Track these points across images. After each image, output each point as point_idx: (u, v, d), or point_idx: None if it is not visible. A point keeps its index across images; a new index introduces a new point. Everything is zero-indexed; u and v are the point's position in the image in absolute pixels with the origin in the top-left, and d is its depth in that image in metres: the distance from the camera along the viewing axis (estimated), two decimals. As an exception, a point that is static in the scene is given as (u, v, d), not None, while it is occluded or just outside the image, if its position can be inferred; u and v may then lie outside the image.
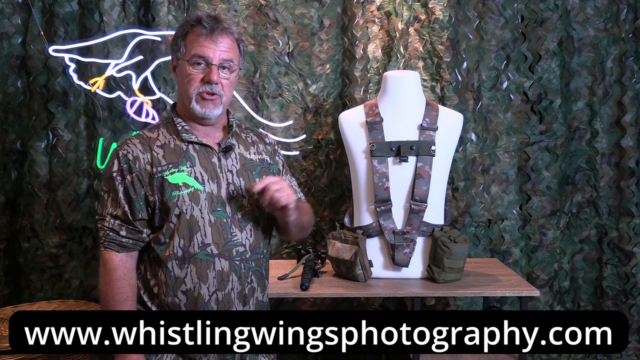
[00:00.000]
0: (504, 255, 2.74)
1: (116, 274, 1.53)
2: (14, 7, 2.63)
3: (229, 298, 1.55)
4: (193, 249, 1.52)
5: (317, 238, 2.73)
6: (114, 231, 1.53)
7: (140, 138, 1.58)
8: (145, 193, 1.53)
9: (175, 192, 1.52)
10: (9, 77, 2.65)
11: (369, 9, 2.66)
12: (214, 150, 1.59)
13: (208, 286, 1.53)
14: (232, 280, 1.55)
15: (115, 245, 1.54)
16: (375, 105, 2.31)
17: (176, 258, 1.52)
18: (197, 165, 1.55)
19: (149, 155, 1.54)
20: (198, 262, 1.52)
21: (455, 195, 2.69)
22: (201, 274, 1.52)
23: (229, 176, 1.58)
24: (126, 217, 1.53)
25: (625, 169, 2.74)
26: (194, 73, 1.55)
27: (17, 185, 2.70)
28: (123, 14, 2.62)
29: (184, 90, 1.57)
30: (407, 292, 2.13)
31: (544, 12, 2.69)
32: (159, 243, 1.54)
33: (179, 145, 1.57)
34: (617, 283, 2.77)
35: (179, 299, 1.53)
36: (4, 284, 2.72)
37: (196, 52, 1.54)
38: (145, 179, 1.53)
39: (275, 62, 2.69)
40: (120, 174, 1.53)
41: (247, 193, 1.60)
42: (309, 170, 2.72)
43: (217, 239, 1.54)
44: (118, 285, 1.52)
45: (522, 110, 2.74)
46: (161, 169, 1.53)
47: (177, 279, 1.52)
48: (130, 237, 1.54)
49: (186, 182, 1.53)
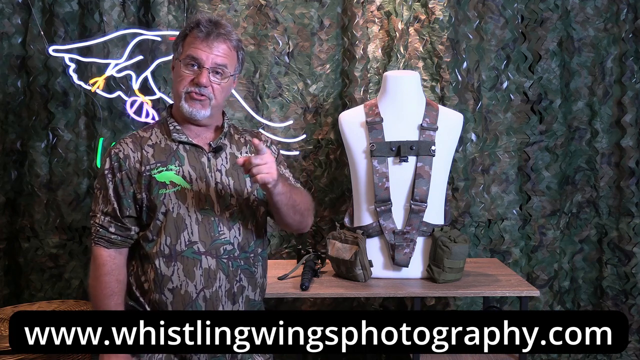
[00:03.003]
0: (504, 255, 2.74)
1: (104, 269, 1.56)
2: (14, 7, 2.63)
3: (217, 296, 1.56)
4: (180, 247, 1.54)
5: (317, 238, 2.73)
6: (104, 227, 1.57)
7: (133, 137, 1.62)
8: (134, 191, 1.56)
9: (162, 190, 1.54)
10: (9, 77, 2.65)
11: (369, 9, 2.66)
12: (204, 150, 1.61)
13: (195, 284, 1.54)
14: (220, 278, 1.56)
15: (104, 241, 1.57)
16: (375, 105, 2.31)
17: (163, 255, 1.54)
18: (185, 165, 1.58)
19: (139, 153, 1.58)
20: (185, 259, 1.54)
21: (455, 195, 2.69)
22: (188, 271, 1.54)
23: (217, 175, 1.60)
24: (115, 213, 1.56)
25: (625, 169, 2.74)
26: (185, 73, 1.57)
27: (17, 185, 2.70)
28: (123, 14, 2.62)
29: (175, 88, 1.61)
30: (407, 292, 2.13)
31: (544, 12, 2.69)
32: (147, 240, 1.57)
33: (169, 144, 1.60)
34: (617, 283, 2.77)
35: (166, 297, 1.54)
36: (4, 284, 2.72)
37: (190, 53, 1.57)
38: (134, 177, 1.56)
39: (275, 62, 2.69)
40: (111, 171, 1.57)
41: (236, 192, 1.61)
42: (309, 170, 2.72)
43: (204, 237, 1.55)
44: (105, 279, 1.56)
45: (522, 110, 2.74)
46: (149, 167, 1.56)
47: (164, 276, 1.54)
48: (118, 234, 1.58)
49: (173, 181, 1.56)
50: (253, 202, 1.64)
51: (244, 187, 1.63)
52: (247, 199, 1.62)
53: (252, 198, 1.64)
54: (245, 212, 1.62)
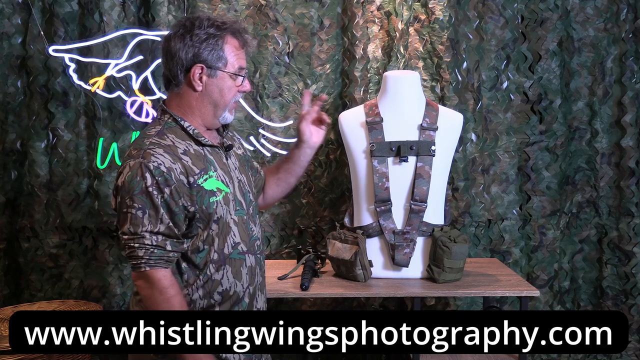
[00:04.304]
0: (504, 255, 2.74)
1: (173, 290, 1.48)
2: (14, 7, 2.63)
3: (256, 291, 1.61)
4: (227, 250, 1.55)
5: (317, 238, 2.73)
6: (160, 247, 1.46)
7: (162, 147, 1.48)
8: (184, 204, 1.48)
9: (213, 198, 1.51)
10: (9, 77, 2.65)
11: (369, 9, 2.66)
12: (221, 151, 1.60)
13: (242, 283, 1.57)
14: (257, 273, 1.62)
15: (164, 262, 1.47)
16: (375, 105, 2.31)
17: (212, 262, 1.52)
18: (218, 169, 1.56)
19: (180, 164, 1.48)
20: (233, 261, 1.55)
21: (455, 195, 2.69)
22: (236, 272, 1.56)
23: (236, 174, 1.63)
24: (171, 231, 1.47)
25: (625, 169, 2.74)
26: (236, 85, 1.57)
27: (17, 185, 2.70)
28: (123, 14, 2.62)
29: (223, 100, 1.55)
30: (407, 292, 2.13)
31: (544, 12, 2.69)
32: (197, 251, 1.52)
33: (198, 150, 1.54)
34: (617, 283, 2.77)
35: (214, 300, 1.54)
36: (4, 284, 2.72)
37: (241, 65, 1.57)
38: (183, 190, 1.47)
39: (275, 62, 2.68)
40: (157, 187, 1.44)
41: (251, 188, 1.66)
42: (309, 170, 2.72)
43: (244, 237, 1.58)
44: (179, 299, 1.48)
45: (522, 110, 2.74)
46: (196, 177, 1.49)
47: (214, 281, 1.53)
48: (175, 251, 1.49)
49: (219, 187, 1.53)
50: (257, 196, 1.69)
51: (251, 181, 1.69)
52: (255, 193, 1.67)
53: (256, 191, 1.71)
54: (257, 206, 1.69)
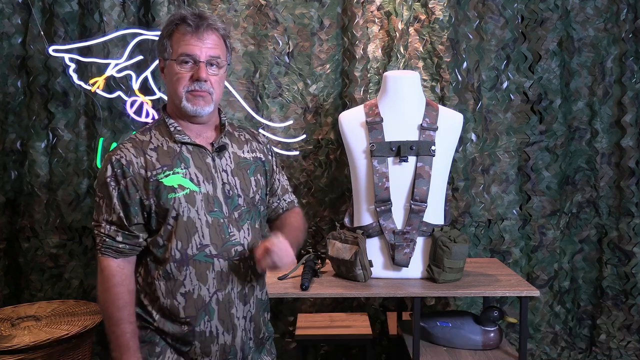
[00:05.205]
0: (504, 255, 2.74)
1: (114, 280, 1.52)
2: (14, 7, 2.63)
3: (230, 298, 1.55)
4: (191, 251, 1.52)
5: (317, 238, 2.73)
6: (110, 237, 1.52)
7: (133, 142, 1.56)
8: (140, 197, 1.52)
9: (172, 194, 1.51)
10: (9, 77, 2.65)
11: (369, 9, 2.66)
12: (207, 150, 1.59)
13: (208, 287, 1.53)
14: (232, 280, 1.55)
15: (112, 252, 1.53)
16: (375, 105, 2.31)
17: (174, 260, 1.52)
18: (191, 167, 1.55)
19: (143, 159, 1.53)
20: (197, 263, 1.52)
21: (455, 195, 2.69)
22: (200, 275, 1.52)
23: (223, 176, 1.58)
24: (122, 222, 1.52)
25: (625, 169, 2.74)
26: (182, 72, 1.54)
27: (17, 185, 2.70)
28: (123, 14, 2.62)
29: (174, 89, 1.57)
30: (407, 292, 2.13)
31: (544, 12, 2.69)
32: (157, 246, 1.54)
33: (172, 147, 1.56)
34: (617, 283, 2.77)
35: (178, 302, 1.52)
36: (4, 284, 2.72)
37: (183, 50, 1.53)
38: (140, 183, 1.52)
39: (275, 62, 2.68)
40: (114, 179, 1.52)
41: (243, 192, 1.59)
42: (309, 170, 2.72)
43: (216, 240, 1.54)
44: (117, 291, 1.52)
45: (522, 110, 2.74)
46: (156, 172, 1.52)
47: (177, 281, 1.52)
48: (126, 243, 1.53)
49: (181, 184, 1.53)
50: (258, 202, 1.64)
51: (250, 187, 1.62)
52: (252, 198, 1.61)
53: (257, 198, 1.63)
54: (252, 212, 1.62)
